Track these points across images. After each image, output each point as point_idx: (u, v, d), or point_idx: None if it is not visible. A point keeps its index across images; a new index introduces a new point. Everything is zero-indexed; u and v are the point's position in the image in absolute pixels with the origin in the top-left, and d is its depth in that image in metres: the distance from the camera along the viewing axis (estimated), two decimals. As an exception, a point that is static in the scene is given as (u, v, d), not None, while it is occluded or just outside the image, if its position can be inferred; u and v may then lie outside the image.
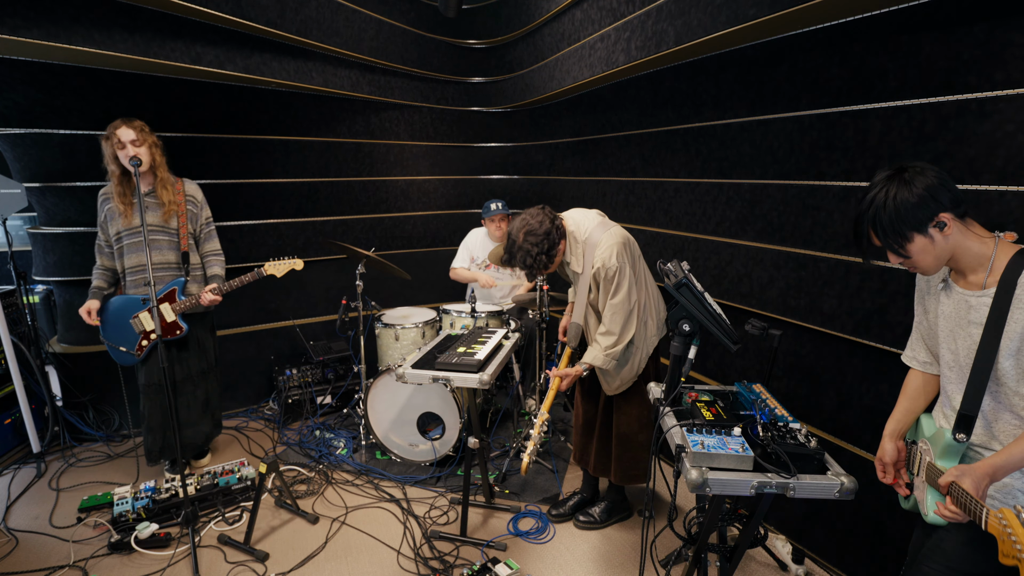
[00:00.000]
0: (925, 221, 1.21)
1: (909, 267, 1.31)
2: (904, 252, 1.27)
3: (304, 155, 3.93)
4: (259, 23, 3.12)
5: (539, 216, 2.15)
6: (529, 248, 2.12)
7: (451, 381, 2.19)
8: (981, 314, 1.24)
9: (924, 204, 1.20)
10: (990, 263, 1.24)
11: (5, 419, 3.13)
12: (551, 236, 2.14)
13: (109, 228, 2.65)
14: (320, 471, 2.98)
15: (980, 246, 1.25)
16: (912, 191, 1.21)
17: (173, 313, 2.67)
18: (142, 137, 2.51)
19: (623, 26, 2.86)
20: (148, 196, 2.64)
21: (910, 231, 1.23)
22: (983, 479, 1.18)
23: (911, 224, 1.22)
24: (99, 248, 2.73)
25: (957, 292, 1.31)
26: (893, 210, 1.22)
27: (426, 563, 2.29)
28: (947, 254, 1.26)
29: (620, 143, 3.44)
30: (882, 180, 1.26)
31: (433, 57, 4.37)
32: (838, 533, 2.20)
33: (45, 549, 2.38)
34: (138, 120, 2.54)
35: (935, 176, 1.22)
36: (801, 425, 1.52)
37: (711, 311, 1.62)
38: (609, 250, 2.11)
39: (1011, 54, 1.54)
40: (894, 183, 1.23)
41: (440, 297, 4.51)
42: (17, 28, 2.45)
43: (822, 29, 2.02)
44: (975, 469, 1.19)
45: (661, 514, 2.66)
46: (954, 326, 1.32)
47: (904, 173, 1.23)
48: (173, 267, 2.72)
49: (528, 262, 2.14)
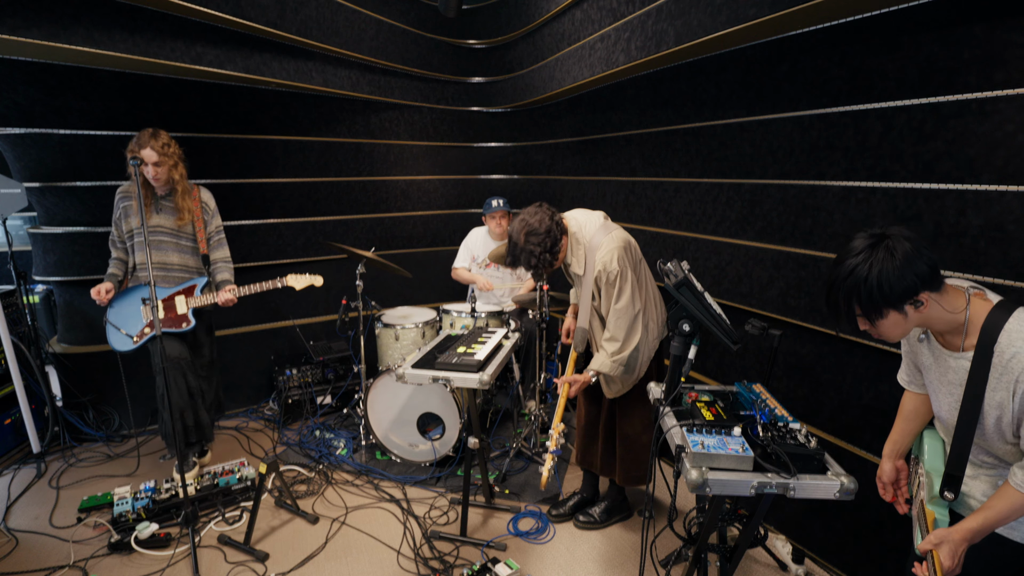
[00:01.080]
0: (904, 299, 1.16)
1: (873, 334, 1.26)
2: (873, 326, 1.23)
3: (304, 155, 3.93)
4: (259, 23, 3.13)
5: (538, 215, 2.15)
6: (532, 248, 2.11)
7: (451, 381, 2.18)
8: (961, 376, 1.23)
9: (908, 283, 1.15)
10: (964, 326, 1.20)
11: (5, 419, 3.13)
12: (552, 233, 2.13)
13: (123, 224, 2.73)
14: (320, 471, 2.98)
15: (951, 312, 1.20)
16: (896, 267, 1.14)
17: (186, 306, 2.75)
18: (163, 159, 2.58)
19: (623, 26, 2.86)
20: (165, 199, 2.73)
21: (887, 308, 1.18)
22: (960, 544, 1.20)
23: (890, 302, 1.17)
24: (112, 243, 2.80)
25: (936, 348, 1.29)
26: (876, 286, 1.16)
27: (426, 563, 2.29)
28: (916, 324, 1.23)
29: (620, 143, 3.44)
30: (864, 249, 1.18)
31: (433, 57, 4.36)
32: (838, 533, 2.20)
33: (45, 549, 2.38)
34: (164, 134, 2.61)
35: (914, 247, 1.15)
36: (801, 425, 1.52)
37: (711, 311, 1.62)
38: (610, 254, 2.11)
39: (1011, 54, 1.54)
40: (878, 255, 1.16)
41: (440, 297, 4.51)
42: (17, 28, 2.45)
43: (822, 29, 2.02)
44: (952, 535, 1.20)
45: (661, 514, 2.66)
46: (936, 379, 1.31)
47: (886, 242, 1.17)
48: (192, 270, 2.82)
49: (533, 262, 2.13)
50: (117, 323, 2.75)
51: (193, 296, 2.75)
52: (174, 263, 2.76)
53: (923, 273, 1.15)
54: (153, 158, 2.55)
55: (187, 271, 2.80)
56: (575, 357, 2.36)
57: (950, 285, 1.24)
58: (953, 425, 1.26)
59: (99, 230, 3.21)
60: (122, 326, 2.74)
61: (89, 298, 2.73)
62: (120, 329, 2.73)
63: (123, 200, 2.73)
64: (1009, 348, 1.13)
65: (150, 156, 2.55)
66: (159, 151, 2.56)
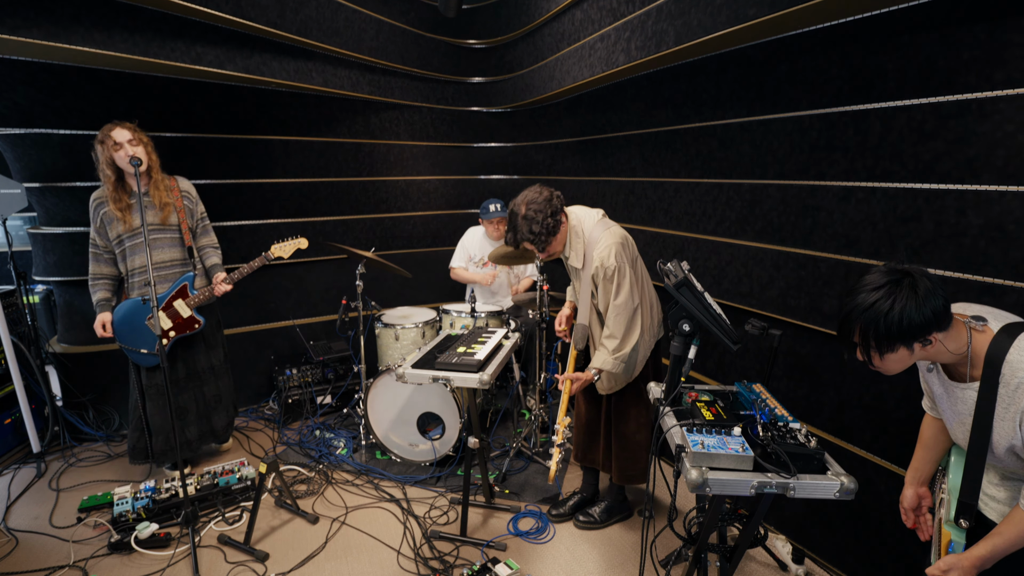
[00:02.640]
0: (917, 337, 1.17)
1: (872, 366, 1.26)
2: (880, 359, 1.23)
3: (304, 155, 3.93)
4: (259, 23, 3.13)
5: (537, 187, 2.19)
6: (533, 215, 2.11)
7: (451, 381, 2.18)
8: (970, 406, 1.23)
9: (926, 324, 1.15)
10: (968, 358, 1.21)
11: (5, 419, 3.13)
12: (552, 203, 2.15)
13: (109, 232, 2.64)
14: (320, 471, 2.98)
15: (955, 346, 1.21)
16: (920, 310, 1.15)
17: (188, 308, 2.72)
18: (137, 137, 2.53)
19: (623, 26, 2.86)
20: (144, 196, 2.63)
21: (899, 345, 1.19)
22: (970, 572, 1.21)
23: (904, 338, 1.17)
24: (95, 256, 2.69)
25: (944, 379, 1.30)
26: (896, 321, 1.16)
27: (426, 563, 2.29)
28: (919, 359, 1.24)
29: (620, 143, 3.44)
30: (886, 284, 1.18)
31: (433, 57, 4.36)
32: (838, 533, 2.20)
33: (45, 549, 2.38)
34: (129, 122, 2.55)
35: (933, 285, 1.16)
36: (801, 425, 1.52)
37: (711, 311, 1.62)
38: (608, 249, 2.12)
39: (1011, 54, 1.54)
40: (902, 292, 1.16)
41: (440, 297, 4.51)
42: (17, 28, 2.45)
43: (822, 29, 2.02)
44: (962, 562, 1.21)
45: (661, 514, 2.66)
46: (947, 408, 1.32)
47: (909, 279, 1.17)
48: (179, 263, 2.76)
49: (535, 229, 2.12)
50: (131, 346, 2.67)
51: (189, 296, 2.72)
52: (165, 260, 2.71)
53: (939, 310, 1.16)
54: (127, 135, 2.49)
55: (175, 265, 2.73)
56: (575, 355, 2.36)
57: (955, 315, 1.24)
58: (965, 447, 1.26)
59: (99, 230, 3.21)
60: (137, 347, 2.67)
61: (89, 298, 2.73)
62: (139, 350, 2.67)
63: (100, 207, 2.61)
64: (1013, 379, 1.14)
65: (122, 135, 2.48)
66: (131, 130, 2.51)
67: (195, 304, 2.73)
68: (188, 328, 2.73)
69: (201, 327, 2.75)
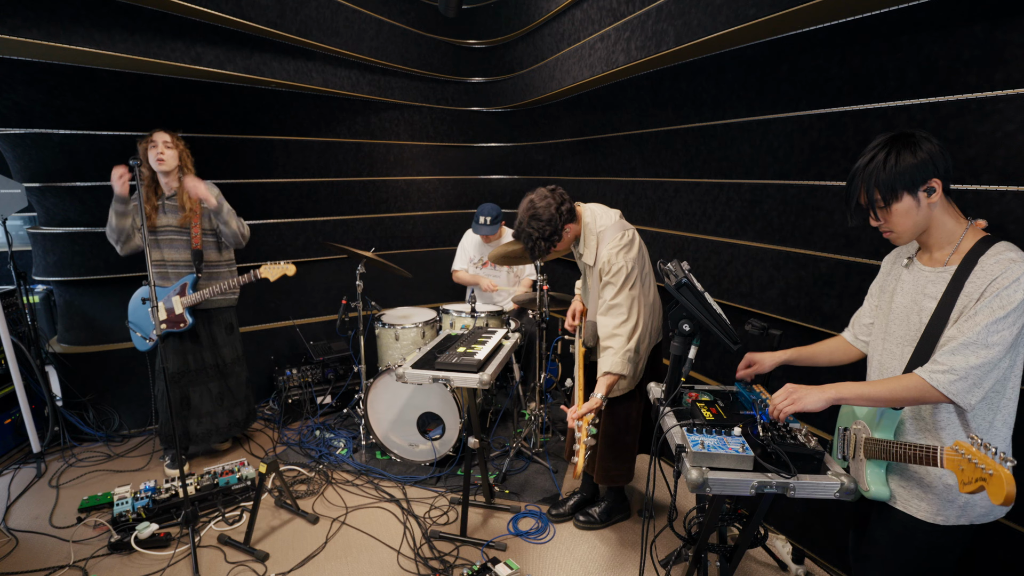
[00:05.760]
0: (919, 183, 1.26)
1: (886, 232, 1.35)
2: (887, 212, 1.31)
3: (304, 155, 3.93)
4: (259, 23, 3.13)
5: (546, 199, 2.15)
6: (531, 232, 2.15)
7: (451, 381, 2.18)
8: (938, 288, 1.30)
9: (924, 166, 1.25)
10: (958, 242, 1.30)
11: (5, 419, 3.13)
12: (554, 222, 2.14)
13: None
14: (320, 471, 2.98)
15: (954, 224, 1.31)
16: (916, 154, 1.25)
17: (181, 306, 2.82)
18: (174, 142, 2.76)
19: (623, 26, 2.85)
20: (170, 199, 2.79)
21: (902, 190, 1.27)
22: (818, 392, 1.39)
23: (905, 183, 1.26)
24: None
25: (918, 268, 1.38)
26: (894, 166, 1.26)
27: (426, 563, 2.29)
28: (925, 223, 1.31)
29: (620, 143, 3.44)
30: (885, 141, 1.29)
31: (433, 57, 4.36)
32: (838, 533, 2.20)
33: (45, 549, 2.38)
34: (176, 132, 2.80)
35: (937, 145, 1.26)
36: (801, 425, 1.52)
37: (712, 311, 1.62)
38: (618, 248, 2.13)
39: (1011, 54, 1.54)
40: (899, 145, 1.27)
41: (440, 297, 4.51)
42: (17, 28, 2.45)
43: (822, 29, 2.02)
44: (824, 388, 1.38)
45: (661, 514, 2.66)
46: (910, 301, 1.38)
47: (909, 137, 1.27)
48: (182, 265, 2.87)
49: (529, 245, 2.18)
50: (136, 323, 2.89)
51: (185, 295, 2.82)
52: (178, 260, 2.85)
53: (935, 153, 1.25)
54: (165, 138, 2.71)
55: (184, 266, 2.86)
56: (583, 385, 2.32)
57: (956, 208, 1.33)
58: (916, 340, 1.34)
59: (99, 230, 3.20)
60: (139, 328, 2.89)
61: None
62: (136, 332, 2.87)
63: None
64: (981, 272, 1.23)
65: (162, 136, 2.70)
66: (171, 135, 2.75)
67: (187, 304, 2.82)
68: (175, 325, 2.83)
69: (187, 327, 2.83)
